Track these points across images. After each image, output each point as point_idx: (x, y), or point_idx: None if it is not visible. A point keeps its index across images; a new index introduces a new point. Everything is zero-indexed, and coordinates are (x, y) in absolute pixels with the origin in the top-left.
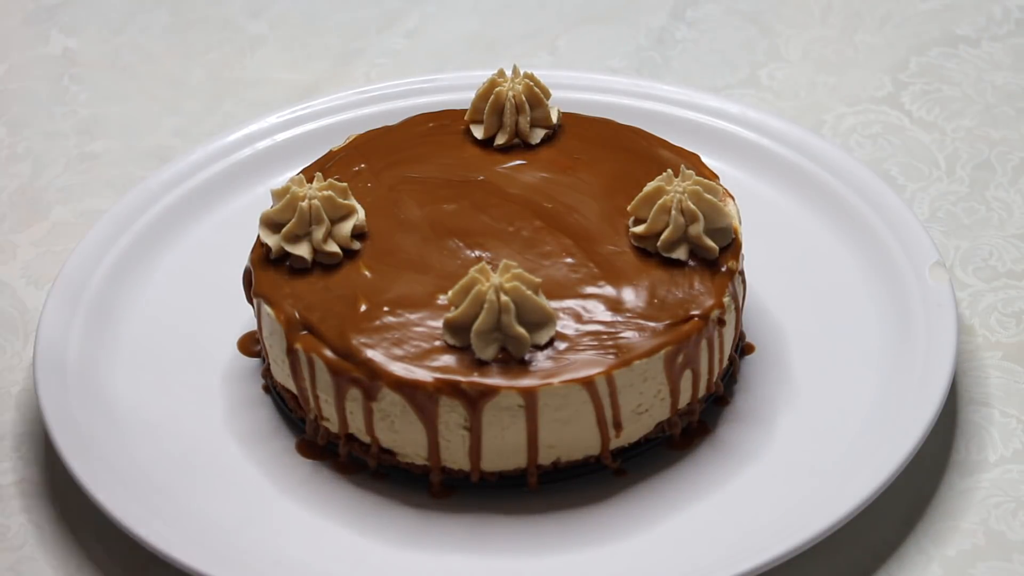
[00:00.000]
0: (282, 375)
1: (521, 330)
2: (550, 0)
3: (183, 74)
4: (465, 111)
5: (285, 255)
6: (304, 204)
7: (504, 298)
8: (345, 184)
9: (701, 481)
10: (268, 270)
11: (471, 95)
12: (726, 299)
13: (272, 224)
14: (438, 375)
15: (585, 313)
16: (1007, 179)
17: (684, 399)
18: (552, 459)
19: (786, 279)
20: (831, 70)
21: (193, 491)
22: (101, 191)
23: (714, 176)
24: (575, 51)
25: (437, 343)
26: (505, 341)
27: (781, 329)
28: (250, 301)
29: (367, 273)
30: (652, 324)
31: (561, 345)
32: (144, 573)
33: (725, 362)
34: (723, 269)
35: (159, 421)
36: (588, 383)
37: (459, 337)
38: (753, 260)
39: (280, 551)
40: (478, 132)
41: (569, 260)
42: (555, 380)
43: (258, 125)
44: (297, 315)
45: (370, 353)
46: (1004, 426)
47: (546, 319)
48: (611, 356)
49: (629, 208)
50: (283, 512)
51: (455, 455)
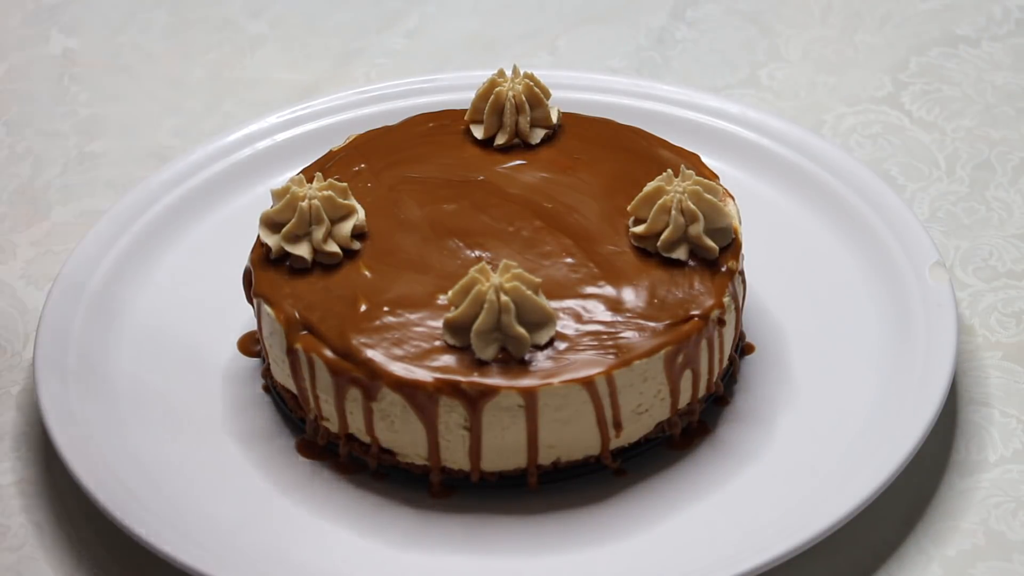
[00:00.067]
0: (282, 375)
1: (521, 330)
2: (550, 0)
3: (183, 74)
4: (465, 111)
5: (285, 255)
6: (304, 204)
7: (504, 298)
8: (345, 184)
9: (701, 481)
10: (268, 270)
11: (471, 95)
12: (726, 299)
13: (272, 224)
14: (438, 375)
15: (585, 313)
16: (1007, 179)
17: (684, 399)
18: (552, 459)
19: (786, 279)
20: (831, 70)
21: (193, 491)
22: (101, 191)
23: (714, 176)
24: (575, 51)
25: (437, 343)
26: (505, 341)
27: (781, 329)
28: (250, 301)
29: (367, 273)
30: (652, 324)
31: (561, 345)
32: (144, 573)
33: (725, 362)
34: (723, 269)
35: (159, 421)
36: (588, 383)
37: (459, 337)
38: (753, 260)
39: (280, 551)
40: (478, 132)
41: (569, 260)
42: (555, 380)
43: (258, 125)
44: (297, 315)
45: (370, 353)
46: (1004, 426)
47: (546, 319)
48: (611, 356)
49: (629, 208)
50: (283, 512)
51: (455, 455)
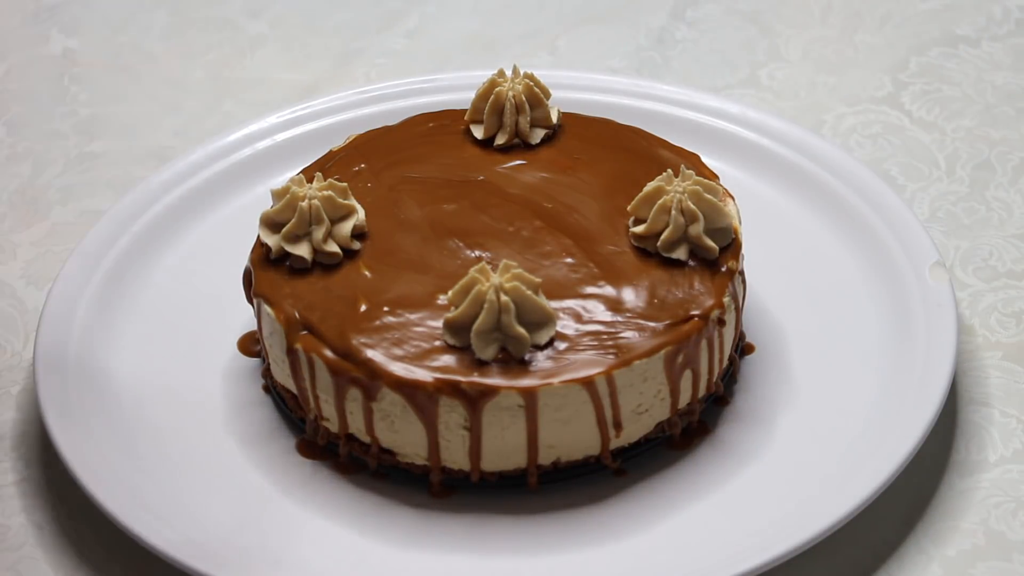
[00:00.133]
0: (282, 375)
1: (521, 330)
2: (550, 0)
3: (183, 74)
4: (465, 111)
5: (285, 255)
6: (304, 204)
7: (504, 298)
8: (345, 184)
9: (701, 481)
10: (268, 270)
11: (471, 95)
12: (726, 299)
13: (272, 224)
14: (438, 375)
15: (585, 313)
16: (1007, 179)
17: (684, 399)
18: (552, 459)
19: (786, 279)
20: (831, 70)
21: (193, 491)
22: (101, 191)
23: (714, 176)
24: (575, 51)
25: (437, 343)
26: (505, 341)
27: (781, 329)
28: (250, 301)
29: (367, 273)
30: (652, 324)
31: (561, 345)
32: (144, 573)
33: (725, 362)
34: (723, 269)
35: (159, 421)
36: (588, 383)
37: (459, 337)
38: (753, 260)
39: (280, 551)
40: (478, 132)
41: (569, 260)
42: (555, 380)
43: (258, 125)
44: (297, 315)
45: (370, 353)
46: (1004, 426)
47: (546, 319)
48: (611, 356)
49: (629, 208)
50: (283, 512)
51: (455, 455)
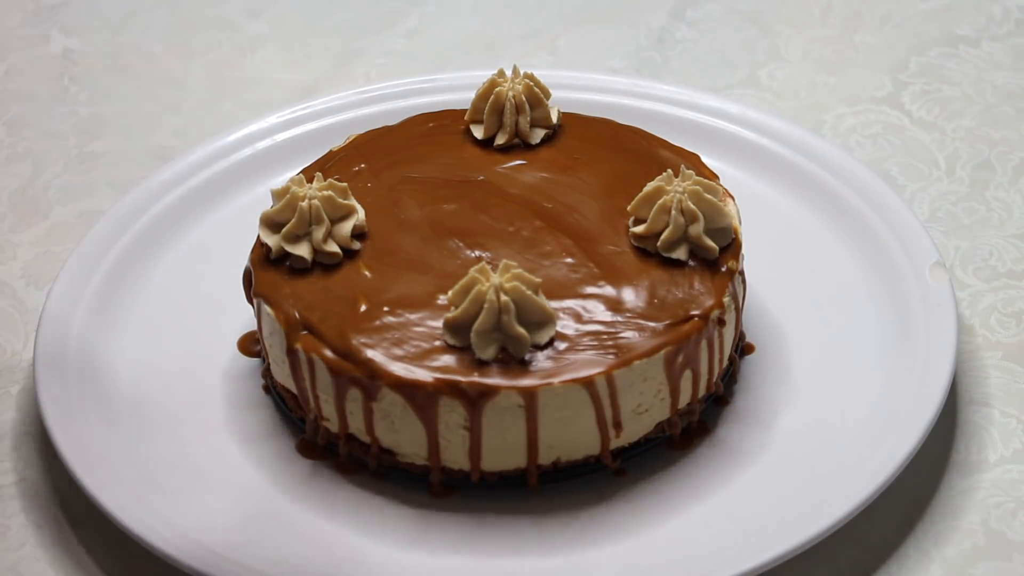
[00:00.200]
0: (282, 375)
1: (521, 330)
2: (550, 0)
3: (183, 74)
4: (465, 111)
5: (285, 255)
6: (304, 204)
7: (504, 298)
8: (345, 184)
9: (701, 481)
10: (268, 270)
11: (471, 95)
12: (726, 299)
13: (272, 224)
14: (438, 375)
15: (585, 313)
16: (1007, 179)
17: (684, 399)
18: (552, 459)
19: (786, 279)
20: (831, 70)
21: (193, 491)
22: (101, 191)
23: (714, 176)
24: (575, 51)
25: (437, 343)
26: (505, 341)
27: (781, 329)
28: (250, 301)
29: (367, 273)
30: (652, 324)
31: (561, 345)
32: (144, 573)
33: (725, 362)
34: (723, 269)
35: (159, 421)
36: (588, 383)
37: (459, 337)
38: (753, 260)
39: (280, 551)
40: (478, 132)
41: (569, 260)
42: (555, 380)
43: (258, 125)
44: (297, 315)
45: (370, 353)
46: (1004, 426)
47: (546, 319)
48: (611, 356)
49: (629, 208)
50: (283, 512)
51: (455, 455)
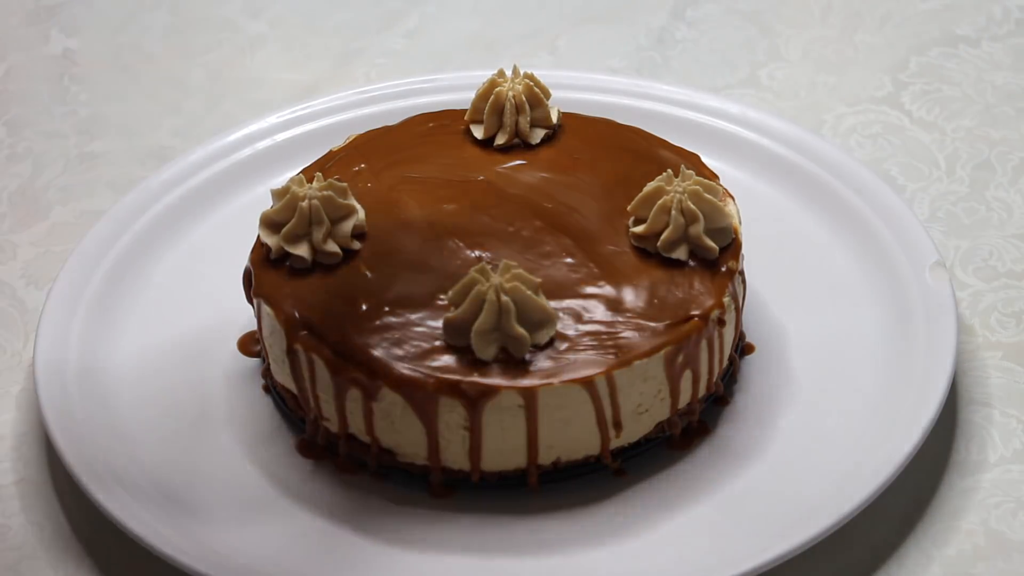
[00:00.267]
0: (282, 375)
1: (521, 330)
2: (550, 0)
3: (183, 74)
4: (465, 111)
5: (285, 255)
6: (304, 204)
7: (504, 298)
8: (345, 184)
9: (701, 481)
10: (268, 270)
11: (471, 95)
12: (726, 299)
13: (272, 224)
14: (438, 375)
15: (585, 313)
16: (1007, 179)
17: (684, 399)
18: (552, 459)
19: (786, 279)
20: (831, 70)
21: (193, 491)
22: (101, 191)
23: (714, 176)
24: (575, 51)
25: (437, 343)
26: (505, 341)
27: (781, 329)
28: (250, 301)
29: (367, 273)
30: (652, 324)
31: (561, 345)
32: (144, 573)
33: (725, 362)
34: (723, 269)
35: (159, 421)
36: (588, 383)
37: (459, 337)
38: (753, 260)
39: (280, 551)
40: (478, 132)
41: (569, 260)
42: (555, 380)
43: (258, 125)
44: (297, 315)
45: (370, 353)
46: (1004, 426)
47: (546, 319)
48: (611, 356)
49: (629, 208)
50: (283, 512)
51: (455, 455)
